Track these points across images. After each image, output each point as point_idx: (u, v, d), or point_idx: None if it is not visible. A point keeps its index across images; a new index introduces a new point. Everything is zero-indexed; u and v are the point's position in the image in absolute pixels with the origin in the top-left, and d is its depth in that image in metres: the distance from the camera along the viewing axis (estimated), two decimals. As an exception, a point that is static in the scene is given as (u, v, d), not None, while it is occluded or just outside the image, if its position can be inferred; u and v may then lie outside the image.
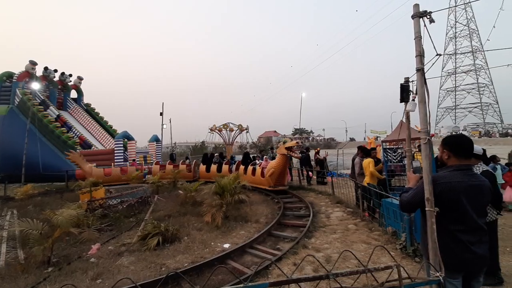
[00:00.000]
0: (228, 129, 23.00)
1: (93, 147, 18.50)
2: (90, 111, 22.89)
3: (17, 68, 19.53)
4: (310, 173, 12.31)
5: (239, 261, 4.44)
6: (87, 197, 7.73)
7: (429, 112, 2.50)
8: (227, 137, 23.72)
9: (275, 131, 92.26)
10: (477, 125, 62.49)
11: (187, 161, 16.78)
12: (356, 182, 7.29)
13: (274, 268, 3.97)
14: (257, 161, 12.00)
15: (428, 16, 2.56)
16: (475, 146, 3.52)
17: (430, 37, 3.02)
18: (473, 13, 65.09)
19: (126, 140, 17.75)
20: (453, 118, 68.98)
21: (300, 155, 10.24)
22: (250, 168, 10.96)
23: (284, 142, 9.93)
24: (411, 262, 3.95)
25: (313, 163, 13.44)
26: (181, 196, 8.64)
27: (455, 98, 69.73)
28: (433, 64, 3.59)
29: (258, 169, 10.49)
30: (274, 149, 14.88)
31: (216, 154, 14.21)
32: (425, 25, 2.63)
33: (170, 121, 33.33)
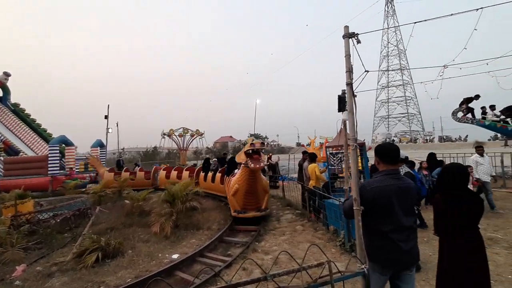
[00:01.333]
0: (185, 134, 22.22)
1: (21, 153, 16.06)
2: (18, 112, 19.41)
3: None
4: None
5: (188, 271, 4.28)
6: (11, 211, 6.66)
7: (356, 121, 2.78)
8: (181, 142, 22.89)
9: (231, 136, 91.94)
10: (405, 132, 71.81)
11: (137, 167, 15.68)
12: (303, 185, 7.66)
13: (224, 274, 3.93)
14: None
15: (356, 37, 2.87)
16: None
17: (359, 55, 3.36)
18: (401, 35, 75.08)
19: (63, 145, 15.79)
20: (387, 126, 78.14)
21: (263, 164, 6.48)
22: (210, 174, 10.45)
23: (244, 144, 8.63)
24: (348, 257, 4.28)
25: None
26: (127, 206, 8.00)
27: (388, 109, 79.17)
28: (363, 79, 4.01)
29: (218, 176, 9.64)
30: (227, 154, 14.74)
31: (214, 159, 11.87)
32: (354, 45, 2.95)
33: (117, 125, 30.76)
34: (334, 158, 7.21)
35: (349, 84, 2.66)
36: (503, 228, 5.05)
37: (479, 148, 6.61)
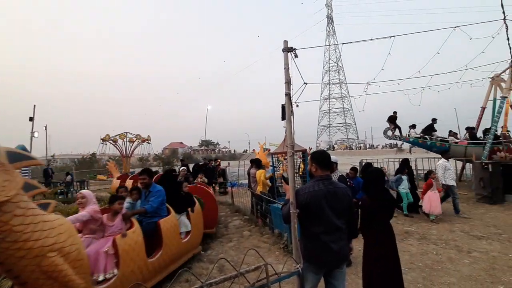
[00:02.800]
0: (123, 139, 20.43)
1: None
2: None
3: None
4: (213, 184, 12.38)
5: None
6: None
7: (293, 129, 2.94)
8: (124, 149, 21.03)
9: (181, 143, 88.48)
10: (343, 140, 79.37)
11: (68, 177, 13.82)
12: (252, 191, 7.75)
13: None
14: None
15: (294, 52, 3.05)
16: (333, 156, 4.39)
17: (297, 68, 3.57)
18: (340, 53, 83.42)
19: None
20: (328, 135, 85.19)
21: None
22: None
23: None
24: (290, 259, 4.45)
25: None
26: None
27: (329, 119, 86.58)
28: (303, 90, 4.29)
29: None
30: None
31: (182, 168, 9.49)
32: (292, 58, 3.13)
33: (45, 128, 26.78)
34: (277, 164, 7.50)
35: (288, 95, 2.80)
36: (416, 223, 5.88)
37: (445, 153, 6.94)
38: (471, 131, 9.96)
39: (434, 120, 10.60)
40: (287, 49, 2.96)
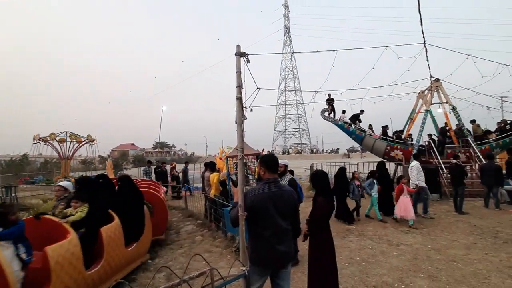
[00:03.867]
0: (66, 140, 18.23)
1: None
2: None
3: None
4: (164, 188, 11.73)
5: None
6: None
7: (243, 133, 2.96)
8: (62, 150, 18.73)
9: (132, 144, 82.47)
10: (297, 145, 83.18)
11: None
12: (205, 195, 7.56)
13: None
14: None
15: (246, 57, 3.09)
16: (284, 160, 4.53)
17: (250, 73, 3.61)
18: (296, 62, 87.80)
19: None
20: (284, 139, 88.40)
21: None
22: None
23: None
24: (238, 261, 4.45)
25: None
26: None
27: (285, 124, 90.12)
28: (256, 95, 4.35)
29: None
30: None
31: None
32: (245, 63, 3.16)
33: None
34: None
35: (239, 99, 2.81)
36: (356, 220, 6.41)
37: (418, 156, 7.40)
38: (384, 129, 11.27)
39: (361, 111, 11.66)
40: (240, 54, 2.98)
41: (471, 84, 9.39)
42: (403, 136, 10.71)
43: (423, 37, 5.55)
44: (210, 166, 7.31)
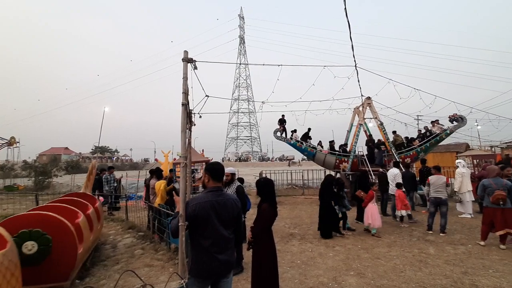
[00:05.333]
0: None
1: None
2: None
3: None
4: (101, 198, 10.53)
5: None
6: None
7: (188, 139, 2.87)
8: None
9: (66, 148, 72.44)
10: (248, 152, 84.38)
11: None
12: (149, 204, 7.04)
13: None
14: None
15: (193, 63, 3.03)
16: (230, 168, 4.52)
17: (198, 80, 3.55)
18: (249, 72, 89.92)
19: None
20: (236, 146, 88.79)
21: None
22: None
23: None
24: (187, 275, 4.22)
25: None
26: None
27: (237, 132, 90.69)
28: (205, 102, 4.29)
29: None
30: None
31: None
32: (192, 69, 3.09)
33: None
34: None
35: (184, 105, 2.73)
36: (299, 225, 6.74)
37: (398, 164, 8.11)
38: (331, 144, 12.43)
39: (309, 130, 12.67)
40: (187, 60, 2.91)
41: (394, 103, 10.96)
42: (348, 149, 11.72)
43: (354, 60, 6.32)
44: (157, 173, 6.87)
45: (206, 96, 4.07)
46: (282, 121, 12.71)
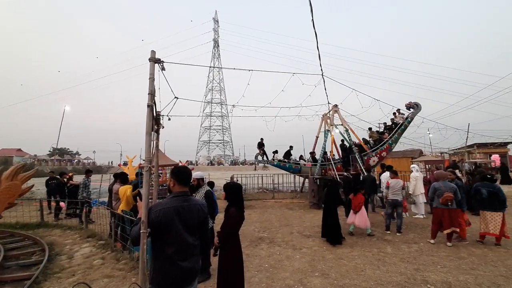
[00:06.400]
0: None
1: None
2: None
3: None
4: (61, 203, 9.64)
5: None
6: None
7: (156, 142, 2.74)
8: None
9: (19, 149, 65.19)
10: (220, 156, 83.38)
11: None
12: (111, 211, 6.58)
13: None
14: None
15: (161, 64, 2.92)
16: (198, 172, 4.40)
17: (167, 81, 3.42)
18: (223, 76, 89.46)
19: None
20: (208, 150, 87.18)
21: None
22: None
23: None
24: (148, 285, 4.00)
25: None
26: None
27: (210, 135, 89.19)
28: (174, 104, 4.15)
29: None
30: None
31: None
32: (159, 70, 2.97)
33: None
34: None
35: (150, 106, 2.60)
36: (269, 228, 6.77)
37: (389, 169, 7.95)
38: (312, 155, 12.86)
39: (291, 147, 13.06)
40: (154, 60, 2.80)
41: (358, 112, 11.64)
42: (328, 157, 12.05)
43: (321, 69, 6.62)
44: (121, 177, 6.46)
45: (176, 98, 3.95)
46: (261, 145, 12.93)
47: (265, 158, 12.90)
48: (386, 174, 7.86)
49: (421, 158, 16.42)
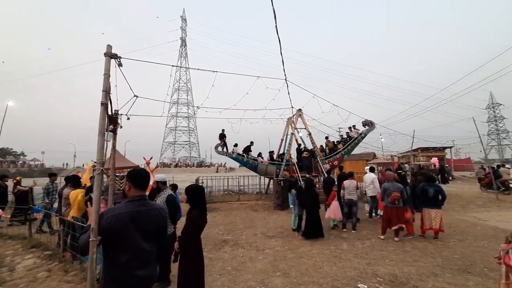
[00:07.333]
0: None
1: None
2: None
3: None
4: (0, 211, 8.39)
5: None
6: None
7: (112, 143, 2.55)
8: None
9: None
10: (186, 158, 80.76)
11: None
12: (60, 217, 5.94)
13: None
14: None
15: (118, 60, 2.73)
16: (160, 174, 4.20)
17: (125, 78, 3.21)
18: (190, 76, 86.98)
19: None
20: (173, 151, 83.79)
21: None
22: None
23: None
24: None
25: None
26: None
27: (175, 136, 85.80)
28: (133, 103, 3.91)
29: None
30: None
31: None
32: (116, 66, 2.77)
33: None
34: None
35: (104, 104, 2.41)
36: (233, 231, 6.72)
37: (373, 170, 8.35)
38: (270, 154, 13.10)
39: (251, 143, 13.10)
40: (110, 55, 2.61)
41: (319, 116, 12.26)
42: (286, 158, 12.33)
43: (285, 74, 6.83)
44: (73, 180, 5.89)
45: (135, 96, 3.73)
46: (222, 136, 12.79)
47: (225, 149, 12.82)
48: (370, 174, 8.01)
49: (374, 161, 17.79)
